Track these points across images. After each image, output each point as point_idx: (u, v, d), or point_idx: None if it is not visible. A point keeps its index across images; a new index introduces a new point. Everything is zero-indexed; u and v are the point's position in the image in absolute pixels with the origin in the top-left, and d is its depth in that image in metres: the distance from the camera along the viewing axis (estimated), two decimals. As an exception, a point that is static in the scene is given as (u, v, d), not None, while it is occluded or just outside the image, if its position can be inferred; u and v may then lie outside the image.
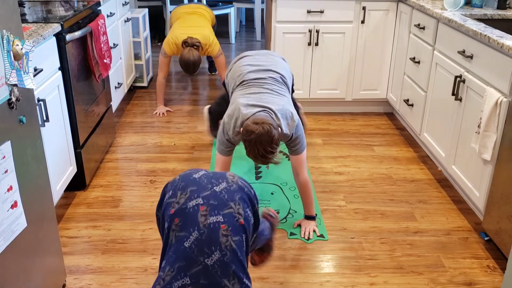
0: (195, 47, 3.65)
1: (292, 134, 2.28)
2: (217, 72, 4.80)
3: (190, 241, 1.37)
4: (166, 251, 1.42)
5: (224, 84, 2.74)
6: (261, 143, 2.08)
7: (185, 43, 3.65)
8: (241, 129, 2.16)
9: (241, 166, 3.09)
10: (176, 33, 3.77)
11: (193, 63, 3.61)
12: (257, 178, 2.97)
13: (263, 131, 2.06)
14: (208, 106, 3.32)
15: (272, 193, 2.81)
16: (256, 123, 2.09)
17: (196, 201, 1.42)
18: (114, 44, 3.47)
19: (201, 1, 5.41)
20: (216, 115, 3.22)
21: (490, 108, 2.22)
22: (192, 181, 1.47)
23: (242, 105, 2.23)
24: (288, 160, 3.11)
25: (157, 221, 1.55)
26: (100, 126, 3.08)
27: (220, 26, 6.47)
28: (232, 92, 2.48)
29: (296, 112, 2.33)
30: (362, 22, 3.61)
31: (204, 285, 1.34)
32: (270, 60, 2.54)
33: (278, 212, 2.63)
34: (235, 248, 1.39)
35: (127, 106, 4.07)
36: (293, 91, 2.68)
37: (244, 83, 2.41)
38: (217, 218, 1.39)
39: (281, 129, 2.20)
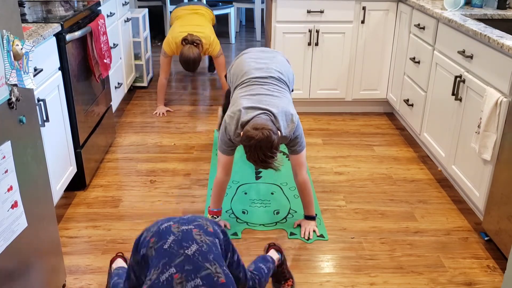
0: (195, 44, 3.64)
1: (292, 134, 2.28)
2: (215, 72, 4.80)
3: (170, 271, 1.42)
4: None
5: (225, 77, 2.74)
6: (261, 148, 2.07)
7: (185, 41, 3.64)
8: (242, 133, 2.17)
9: (242, 166, 3.09)
10: (175, 32, 3.76)
11: (193, 60, 3.59)
12: (257, 178, 2.97)
13: (263, 137, 2.06)
14: (223, 103, 3.32)
15: (272, 193, 2.81)
16: (256, 128, 2.09)
17: (169, 272, 1.41)
18: (114, 44, 3.47)
19: (201, 1, 5.41)
20: None
21: (490, 108, 2.22)
22: (163, 253, 1.46)
23: (243, 107, 2.23)
24: (288, 160, 3.10)
25: (130, 267, 1.57)
26: (100, 126, 3.08)
27: (220, 26, 6.47)
28: (234, 89, 2.48)
29: (296, 112, 2.33)
30: (362, 22, 3.61)
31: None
32: (274, 59, 2.53)
33: (278, 212, 2.63)
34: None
35: (127, 106, 4.07)
36: (292, 90, 2.67)
37: (246, 81, 2.41)
38: (195, 283, 1.39)
39: (281, 132, 2.21)
